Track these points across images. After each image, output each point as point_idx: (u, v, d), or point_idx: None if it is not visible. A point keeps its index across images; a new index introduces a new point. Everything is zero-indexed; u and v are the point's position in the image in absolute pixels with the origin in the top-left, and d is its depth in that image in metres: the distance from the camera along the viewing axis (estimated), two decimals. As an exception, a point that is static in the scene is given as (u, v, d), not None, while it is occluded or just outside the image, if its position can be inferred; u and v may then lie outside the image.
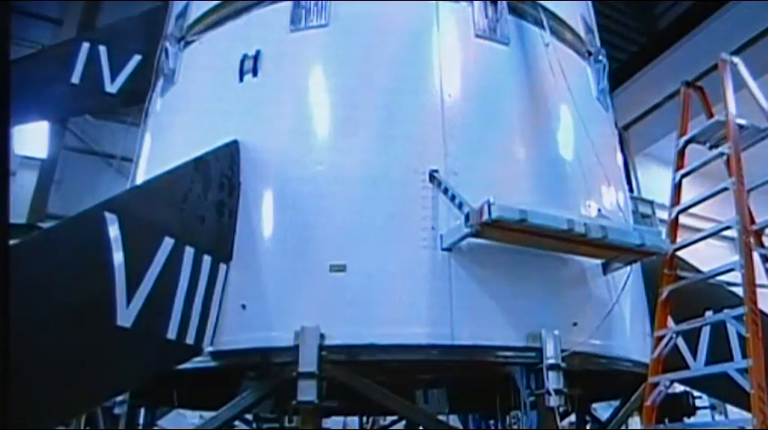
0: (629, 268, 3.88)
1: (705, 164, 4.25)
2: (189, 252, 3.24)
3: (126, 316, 2.83)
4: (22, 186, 10.94)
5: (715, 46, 10.20)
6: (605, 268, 3.87)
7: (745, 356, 3.21)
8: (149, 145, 4.80)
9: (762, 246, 4.04)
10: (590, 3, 5.60)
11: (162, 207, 3.25)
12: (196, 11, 4.73)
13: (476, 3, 4.18)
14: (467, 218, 3.18)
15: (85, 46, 5.40)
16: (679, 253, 4.07)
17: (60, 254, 2.66)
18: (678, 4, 14.07)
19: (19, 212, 10.08)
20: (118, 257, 2.83)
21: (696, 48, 11.21)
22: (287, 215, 3.61)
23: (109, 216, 2.84)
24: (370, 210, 3.51)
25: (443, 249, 3.39)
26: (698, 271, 4.30)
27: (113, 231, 2.85)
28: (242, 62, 4.05)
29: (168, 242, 3.11)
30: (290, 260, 3.48)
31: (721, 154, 4.13)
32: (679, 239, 4.25)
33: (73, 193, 11.10)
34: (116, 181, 9.97)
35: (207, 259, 3.36)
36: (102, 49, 5.41)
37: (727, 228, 3.99)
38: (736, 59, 4.42)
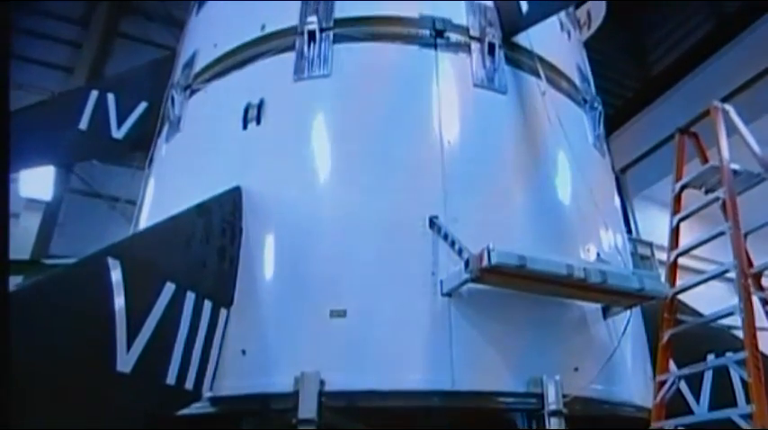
0: (629, 312, 3.88)
1: (701, 208, 4.31)
2: (190, 297, 3.25)
3: (126, 361, 2.82)
4: (26, 228, 11.00)
5: (708, 91, 10.46)
6: (605, 312, 3.87)
7: (748, 401, 3.18)
8: (153, 190, 4.88)
9: (761, 289, 4.05)
10: (585, 53, 5.79)
11: (164, 252, 3.27)
12: (203, 60, 4.89)
13: (474, 54, 4.34)
14: (466, 264, 3.21)
15: (94, 94, 5.58)
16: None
17: (63, 299, 2.66)
18: (670, 53, 14.55)
19: (21, 253, 10.11)
20: (119, 302, 2.84)
21: (690, 92, 11.49)
22: (287, 260, 3.64)
23: (111, 261, 2.86)
24: (370, 255, 3.54)
25: (443, 295, 3.41)
26: (698, 314, 4.30)
27: (116, 276, 2.86)
28: (246, 110, 4.17)
29: (170, 287, 3.13)
30: (290, 305, 3.48)
31: (717, 198, 4.20)
32: (678, 282, 4.27)
33: (75, 235, 11.13)
34: (119, 224, 10.02)
35: (207, 304, 3.37)
36: (111, 96, 5.58)
37: (726, 271, 4.02)
38: (727, 107, 4.54)
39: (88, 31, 12.98)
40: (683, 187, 4.54)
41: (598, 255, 4.10)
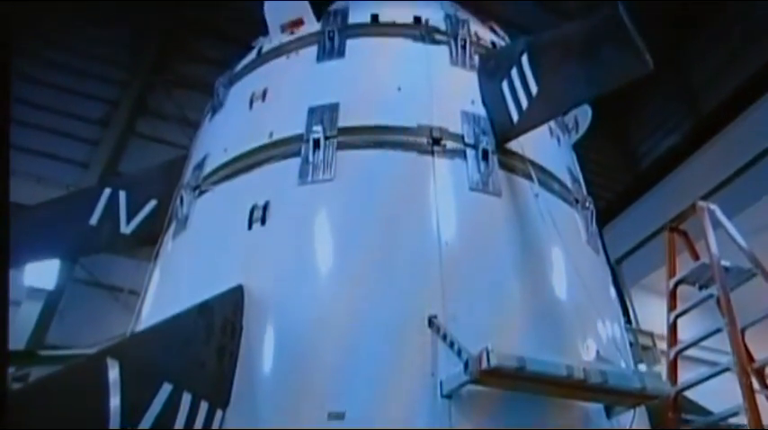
0: (633, 410, 3.81)
1: (696, 305, 4.38)
2: (187, 398, 3.21)
3: (118, 465, 2.76)
4: (26, 316, 10.99)
5: (697, 183, 10.88)
6: (608, 412, 3.80)
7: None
8: (157, 284, 4.95)
9: (765, 385, 4.01)
10: (574, 155, 6.10)
11: (164, 353, 3.27)
12: (212, 163, 5.14)
13: (469, 159, 4.57)
14: (466, 365, 3.21)
15: (107, 191, 5.82)
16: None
17: (59, 401, 2.65)
18: (656, 147, 15.34)
19: (18, 341, 10.02)
20: (114, 403, 2.81)
21: (677, 186, 11.95)
22: (286, 360, 3.63)
23: (110, 361, 2.88)
24: (369, 355, 3.54)
25: (443, 396, 3.37)
26: (704, 410, 4.22)
27: (113, 376, 2.86)
28: (251, 211, 4.33)
29: (167, 388, 3.09)
30: (287, 406, 3.43)
31: (711, 295, 4.28)
32: (681, 374, 4.24)
33: (74, 324, 11.08)
34: (119, 314, 9.99)
35: (204, 405, 3.31)
36: (122, 194, 5.82)
37: (727, 369, 4.01)
38: (712, 206, 4.75)
39: (106, 130, 13.73)
40: (678, 283, 4.64)
41: (597, 352, 4.08)
